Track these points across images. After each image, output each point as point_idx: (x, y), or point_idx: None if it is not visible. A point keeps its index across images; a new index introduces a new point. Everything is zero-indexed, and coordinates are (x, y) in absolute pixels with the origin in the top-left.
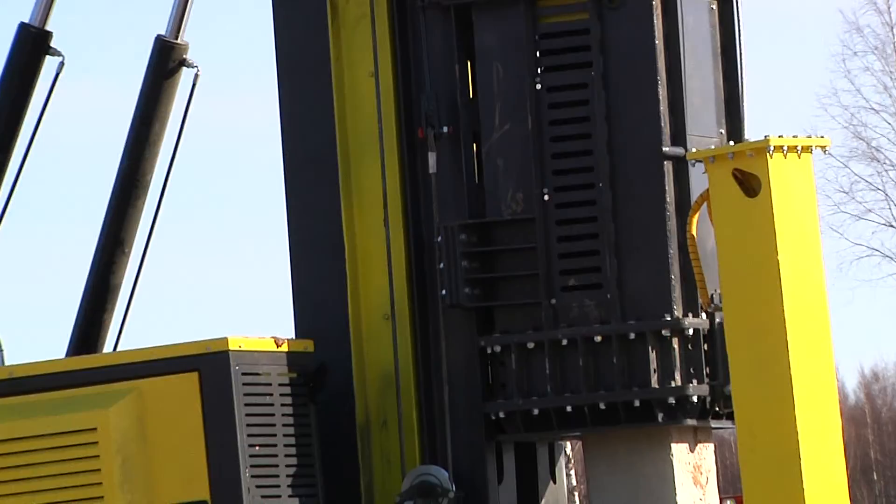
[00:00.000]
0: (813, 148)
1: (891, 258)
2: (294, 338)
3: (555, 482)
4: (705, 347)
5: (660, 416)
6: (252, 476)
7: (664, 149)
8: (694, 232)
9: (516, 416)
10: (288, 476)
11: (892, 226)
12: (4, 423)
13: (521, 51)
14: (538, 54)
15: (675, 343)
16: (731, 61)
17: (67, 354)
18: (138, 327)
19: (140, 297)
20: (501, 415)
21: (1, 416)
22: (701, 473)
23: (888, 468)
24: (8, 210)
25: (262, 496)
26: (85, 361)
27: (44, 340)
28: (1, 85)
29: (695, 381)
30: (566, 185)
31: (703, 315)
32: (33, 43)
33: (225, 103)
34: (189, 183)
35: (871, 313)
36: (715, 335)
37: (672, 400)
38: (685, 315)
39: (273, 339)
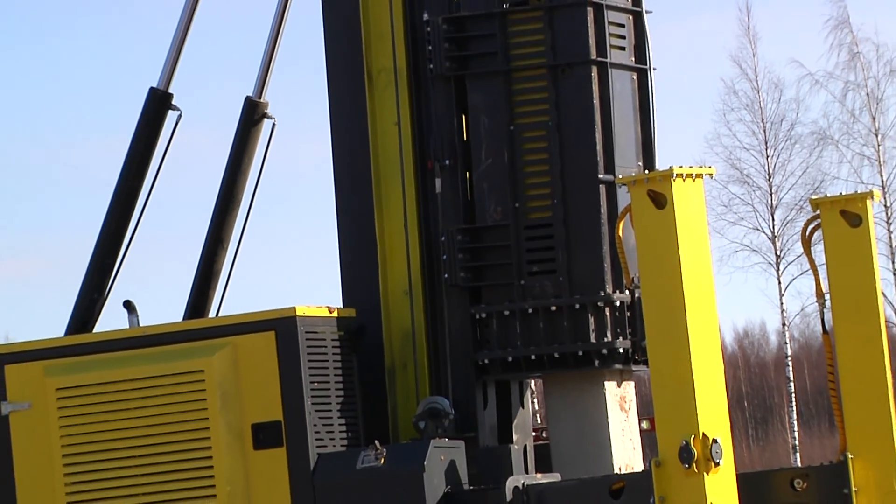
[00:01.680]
0: (703, 175)
1: (756, 251)
2: (341, 306)
3: (523, 408)
4: (628, 314)
5: (596, 363)
6: (312, 404)
7: (599, 176)
8: (620, 234)
9: (497, 362)
10: (337, 404)
11: (757, 229)
12: (140, 367)
13: (500, 107)
14: (512, 109)
15: (607, 311)
16: (646, 114)
17: (184, 318)
18: (231, 298)
19: (233, 278)
20: (486, 361)
21: (137, 362)
22: (625, 402)
23: (754, 398)
24: (141, 221)
25: (319, 418)
26: (196, 323)
27: (168, 309)
28: (136, 134)
29: (621, 338)
30: (531, 202)
31: (627, 292)
32: (159, 102)
33: (293, 140)
34: (267, 198)
35: (742, 290)
36: (635, 305)
37: (605, 351)
38: (614, 291)
39: (327, 308)
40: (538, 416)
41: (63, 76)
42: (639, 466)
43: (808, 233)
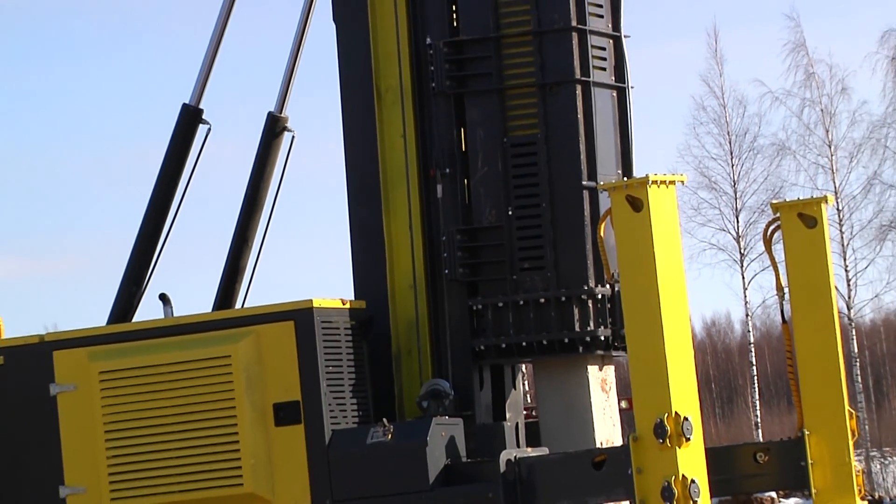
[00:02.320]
0: (675, 182)
1: (723, 250)
2: (353, 299)
3: (515, 389)
4: (609, 305)
5: (580, 349)
6: (327, 386)
7: (583, 182)
8: (602, 234)
9: (491, 348)
10: (349, 386)
11: (723, 230)
12: (174, 353)
13: (495, 121)
14: (505, 123)
15: (590, 303)
16: (624, 128)
17: (213, 309)
18: (255, 292)
19: (256, 273)
20: (482, 348)
21: (172, 348)
22: (606, 384)
23: (721, 380)
24: (174, 222)
25: (333, 398)
26: (224, 314)
27: (199, 301)
28: (170, 146)
29: (602, 327)
30: (522, 205)
31: (608, 286)
32: (190, 117)
33: (312, 150)
34: (287, 202)
35: (710, 284)
36: (615, 298)
37: (588, 338)
38: (596, 285)
39: (340, 300)
40: (528, 396)
41: (99, 96)
42: (618, 441)
43: (769, 233)
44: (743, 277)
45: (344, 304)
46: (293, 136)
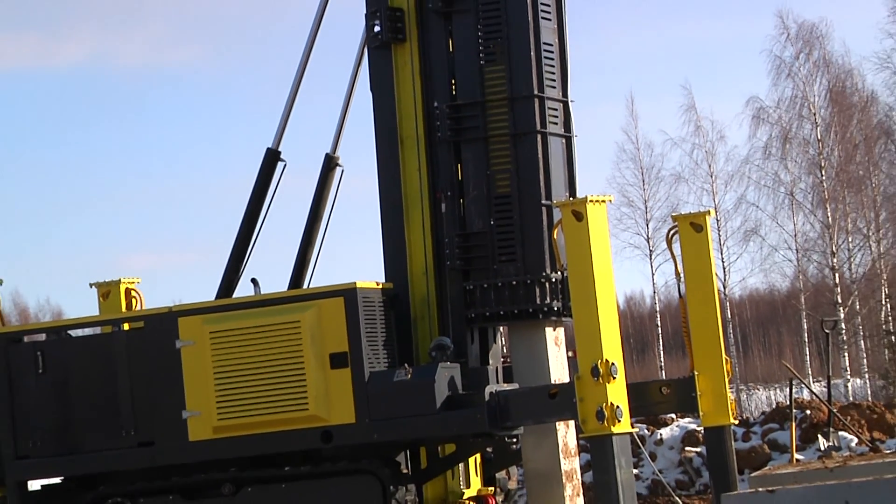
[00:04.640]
0: (605, 201)
1: (638, 248)
2: (384, 281)
3: (496, 343)
4: (560, 286)
5: (540, 316)
6: (366, 341)
7: (542, 201)
8: (555, 237)
9: (479, 315)
10: (381, 341)
11: (639, 234)
12: (262, 318)
13: (481, 159)
14: (489, 161)
15: (547, 284)
16: (570, 164)
17: (288, 289)
18: (317, 276)
19: (319, 264)
20: (473, 315)
21: (260, 316)
22: (558, 341)
23: (636, 337)
24: (262, 229)
25: (370, 349)
26: (295, 292)
27: (278, 283)
28: (257, 178)
29: (555, 301)
30: (500, 217)
31: (559, 272)
32: (271, 157)
33: (357, 178)
34: (339, 214)
35: (629, 273)
36: (564, 281)
37: (545, 309)
38: (552, 272)
39: (375, 282)
40: (504, 348)
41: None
42: (566, 379)
43: (669, 236)
44: (651, 266)
45: (378, 285)
46: (342, 171)
